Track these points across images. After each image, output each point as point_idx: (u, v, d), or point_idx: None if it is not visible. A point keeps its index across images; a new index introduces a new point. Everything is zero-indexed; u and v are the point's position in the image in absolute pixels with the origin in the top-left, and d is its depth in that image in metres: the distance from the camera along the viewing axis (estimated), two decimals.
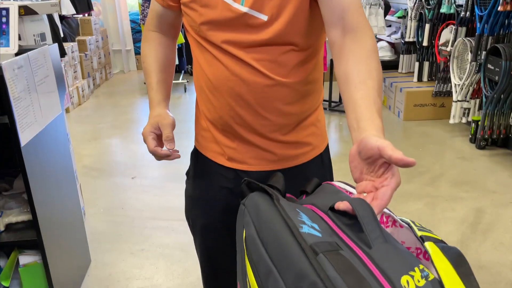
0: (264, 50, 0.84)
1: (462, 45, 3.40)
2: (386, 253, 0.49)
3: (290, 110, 0.91)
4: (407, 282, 0.45)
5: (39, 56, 1.58)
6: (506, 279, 1.89)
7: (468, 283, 0.46)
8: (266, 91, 0.87)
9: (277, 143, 0.93)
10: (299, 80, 0.89)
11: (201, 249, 1.10)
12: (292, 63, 0.87)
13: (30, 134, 1.48)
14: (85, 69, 5.08)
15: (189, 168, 1.10)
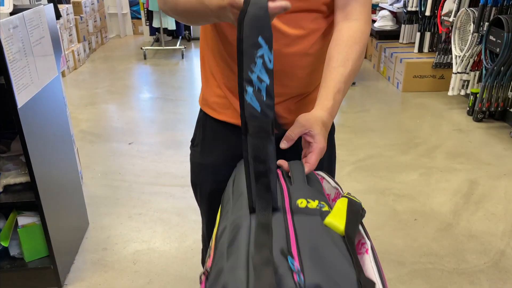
0: (296, 17, 0.84)
1: (465, 16, 3.35)
2: (300, 187, 0.68)
3: (310, 78, 0.93)
4: (301, 202, 0.63)
5: (34, 16, 1.54)
6: (496, 248, 1.94)
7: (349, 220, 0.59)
8: (293, 60, 0.88)
9: (291, 110, 0.96)
10: (321, 48, 0.91)
11: (209, 213, 1.11)
12: (317, 31, 0.88)
13: (27, 95, 1.47)
14: (80, 32, 4.98)
15: (194, 135, 1.09)
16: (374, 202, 2.28)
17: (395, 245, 1.96)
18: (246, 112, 0.58)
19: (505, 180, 2.48)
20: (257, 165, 0.59)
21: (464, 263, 1.85)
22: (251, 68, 0.58)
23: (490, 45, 3.03)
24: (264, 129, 0.59)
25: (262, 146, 0.59)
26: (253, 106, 0.58)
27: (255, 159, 0.59)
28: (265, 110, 0.58)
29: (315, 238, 0.55)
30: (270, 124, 0.59)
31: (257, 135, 0.59)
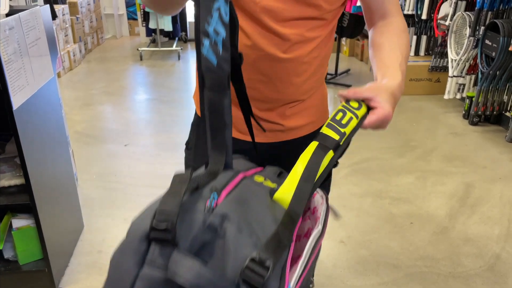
0: (296, 24, 0.84)
1: (461, 20, 3.36)
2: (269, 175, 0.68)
3: (305, 85, 0.93)
4: (258, 178, 0.64)
5: (30, 18, 1.53)
6: (491, 251, 1.94)
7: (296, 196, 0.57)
8: (289, 66, 0.88)
9: (286, 115, 0.95)
10: (318, 56, 0.91)
11: None
12: (317, 39, 0.88)
13: (22, 97, 1.45)
14: (76, 33, 4.96)
15: (189, 138, 1.08)
16: (370, 205, 2.29)
17: (391, 248, 1.96)
18: (203, 65, 0.58)
19: (500, 183, 2.49)
20: (212, 119, 0.60)
21: (460, 266, 1.85)
22: (208, 20, 0.57)
23: (486, 49, 3.05)
24: (220, 82, 0.59)
25: (218, 99, 0.59)
26: (209, 59, 0.58)
27: (211, 113, 0.59)
28: (221, 63, 0.58)
29: (250, 198, 0.55)
30: (226, 78, 0.59)
31: (213, 88, 0.59)
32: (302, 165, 0.60)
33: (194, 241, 0.47)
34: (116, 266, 0.50)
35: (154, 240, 0.46)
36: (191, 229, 0.48)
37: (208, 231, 0.48)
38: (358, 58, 5.18)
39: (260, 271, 0.45)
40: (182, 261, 0.45)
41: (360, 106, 0.70)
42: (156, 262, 0.46)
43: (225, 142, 0.61)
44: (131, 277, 0.47)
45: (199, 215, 0.49)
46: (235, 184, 0.58)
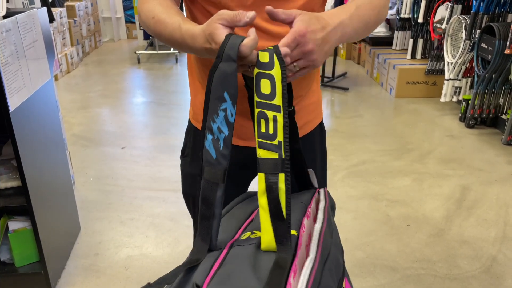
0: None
1: (457, 23, 3.38)
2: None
3: (301, 83, 0.93)
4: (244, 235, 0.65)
5: (27, 20, 1.53)
6: (487, 254, 1.95)
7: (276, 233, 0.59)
8: None
9: None
10: None
11: None
12: None
13: (19, 99, 1.46)
14: (74, 36, 4.97)
15: (184, 145, 1.08)
16: (367, 208, 2.29)
17: (387, 250, 1.97)
18: (204, 157, 0.63)
19: (496, 186, 2.50)
20: (203, 208, 0.63)
21: (456, 268, 1.86)
22: (213, 118, 0.62)
23: (481, 52, 3.07)
24: (216, 175, 0.62)
25: (211, 191, 0.63)
26: (210, 152, 0.62)
27: (202, 201, 0.63)
28: (220, 158, 0.62)
29: (233, 271, 0.56)
30: (222, 172, 0.63)
31: (209, 180, 0.63)
32: (265, 206, 0.60)
33: None
34: None
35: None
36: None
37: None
38: (355, 61, 5.20)
39: None
40: None
41: (272, 62, 0.60)
42: None
43: (210, 232, 0.63)
44: None
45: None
46: (218, 264, 0.58)
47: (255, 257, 0.58)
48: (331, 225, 0.71)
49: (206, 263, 0.59)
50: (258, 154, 0.61)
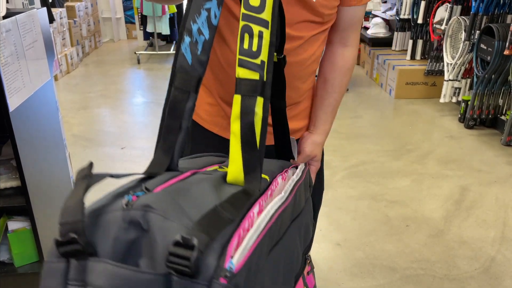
0: (300, 27, 0.84)
1: (456, 24, 3.39)
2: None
3: (303, 87, 0.94)
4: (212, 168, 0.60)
5: (27, 20, 1.53)
6: (486, 254, 1.95)
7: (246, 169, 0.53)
8: (291, 71, 0.87)
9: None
10: (318, 56, 0.92)
11: None
12: (318, 42, 0.89)
13: (19, 99, 1.46)
14: (74, 36, 4.97)
15: None
16: (367, 208, 2.29)
17: (387, 251, 1.97)
18: (178, 62, 0.56)
19: (496, 186, 2.50)
20: (169, 119, 0.56)
21: (455, 269, 1.86)
22: (195, 18, 0.55)
23: (481, 53, 3.07)
24: (189, 83, 0.55)
25: (181, 100, 0.56)
26: (186, 57, 0.55)
27: (170, 112, 0.56)
28: (196, 64, 0.56)
29: (190, 187, 0.50)
30: (196, 80, 0.56)
31: (180, 88, 0.55)
32: (237, 133, 0.53)
33: (116, 244, 0.42)
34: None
35: (68, 256, 0.41)
36: (109, 231, 0.42)
37: (130, 229, 0.42)
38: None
39: (184, 253, 0.38)
40: (94, 268, 0.40)
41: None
42: (77, 279, 0.41)
43: (174, 146, 0.56)
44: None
45: (117, 214, 0.44)
46: (177, 180, 0.51)
47: (218, 184, 0.52)
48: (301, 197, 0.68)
49: (164, 176, 0.52)
50: (237, 74, 0.54)
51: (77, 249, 0.40)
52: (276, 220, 0.51)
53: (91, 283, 0.39)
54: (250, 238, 0.44)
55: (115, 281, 0.38)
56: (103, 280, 0.38)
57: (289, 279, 0.58)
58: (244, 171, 0.52)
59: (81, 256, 0.41)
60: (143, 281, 0.38)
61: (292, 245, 0.59)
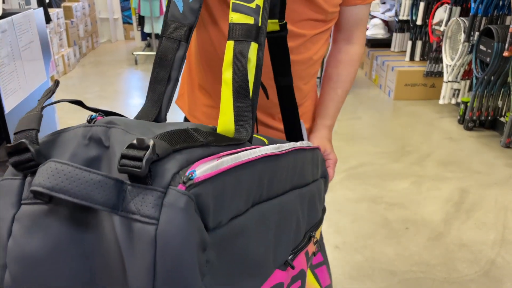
0: (303, 25, 0.83)
1: (455, 25, 3.38)
2: None
3: (305, 88, 0.93)
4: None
5: (23, 21, 1.51)
6: (486, 257, 1.94)
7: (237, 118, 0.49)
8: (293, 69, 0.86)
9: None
10: (320, 57, 0.91)
11: None
12: (320, 41, 0.88)
13: (14, 101, 1.44)
14: (71, 37, 4.94)
15: None
16: (366, 211, 2.28)
17: (386, 254, 1.95)
18: (169, 11, 0.55)
19: (495, 188, 2.49)
20: (158, 69, 0.55)
21: (455, 272, 1.85)
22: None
23: (480, 55, 3.06)
24: (180, 32, 0.54)
25: (171, 50, 0.54)
26: (177, 5, 0.54)
27: (159, 62, 0.55)
28: (187, 12, 0.55)
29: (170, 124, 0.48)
30: (187, 29, 0.54)
31: (170, 37, 0.54)
32: (228, 81, 0.50)
33: (74, 161, 0.39)
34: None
35: (19, 167, 0.38)
36: (67, 147, 0.40)
37: (90, 145, 0.40)
38: None
39: (136, 153, 0.34)
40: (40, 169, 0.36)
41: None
42: (31, 195, 0.38)
43: (162, 97, 0.54)
44: (7, 223, 0.39)
45: (77, 130, 0.41)
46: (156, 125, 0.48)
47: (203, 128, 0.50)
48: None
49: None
50: (230, 19, 0.51)
51: (28, 159, 0.38)
52: (265, 164, 0.47)
53: (33, 183, 0.35)
54: (224, 161, 0.40)
55: (59, 179, 0.34)
56: (45, 178, 0.35)
57: (284, 244, 0.55)
58: (235, 119, 0.49)
59: (32, 168, 0.38)
60: (90, 181, 0.35)
61: (291, 212, 0.56)
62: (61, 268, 0.37)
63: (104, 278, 0.38)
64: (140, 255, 0.35)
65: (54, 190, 0.34)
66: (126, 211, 0.35)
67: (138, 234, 0.35)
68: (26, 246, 0.37)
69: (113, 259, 0.37)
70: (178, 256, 0.35)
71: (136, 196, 0.35)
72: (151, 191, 0.35)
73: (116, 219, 0.36)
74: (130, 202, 0.35)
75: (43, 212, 0.37)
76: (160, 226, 0.34)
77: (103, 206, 0.35)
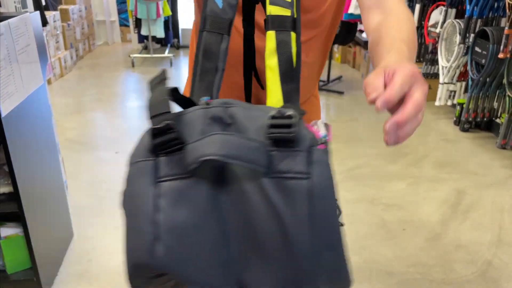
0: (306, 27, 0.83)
1: (451, 27, 3.40)
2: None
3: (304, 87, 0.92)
4: None
5: (20, 24, 1.51)
6: (483, 258, 1.94)
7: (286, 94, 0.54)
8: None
9: None
10: (313, 71, 0.91)
11: None
12: (311, 50, 0.88)
13: (11, 104, 1.44)
14: (67, 39, 4.94)
15: None
16: (363, 212, 2.28)
17: (383, 255, 1.96)
18: (207, 8, 0.57)
19: (492, 189, 2.50)
20: (205, 61, 0.57)
21: (452, 273, 1.85)
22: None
23: (476, 56, 3.08)
24: (221, 26, 0.57)
25: (215, 42, 0.57)
26: (216, 2, 0.57)
27: (204, 54, 0.57)
28: (226, 8, 0.57)
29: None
30: (228, 23, 0.57)
31: (213, 31, 0.57)
32: (274, 66, 0.55)
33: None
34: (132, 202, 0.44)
35: (160, 148, 0.43)
36: (194, 126, 0.44)
37: (213, 124, 0.45)
38: (350, 65, 5.21)
39: (284, 122, 0.41)
40: (201, 143, 0.41)
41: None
42: (168, 174, 0.42)
43: (212, 87, 0.57)
44: (150, 199, 0.43)
45: (197, 112, 0.46)
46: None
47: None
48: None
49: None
50: (269, 11, 0.56)
51: (173, 138, 0.42)
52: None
53: (203, 154, 0.41)
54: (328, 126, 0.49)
55: (229, 148, 0.41)
56: (216, 148, 0.40)
57: None
58: (284, 101, 0.54)
59: (173, 152, 0.43)
60: (252, 148, 0.41)
61: None
62: (205, 234, 0.42)
63: (237, 239, 0.43)
64: (298, 206, 0.41)
65: (228, 157, 0.40)
66: (277, 172, 0.42)
67: (294, 189, 0.41)
68: (176, 217, 0.41)
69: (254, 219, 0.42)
70: (330, 202, 0.42)
71: (285, 158, 0.42)
72: (298, 152, 0.42)
73: (266, 182, 0.42)
74: (280, 164, 0.42)
75: (186, 185, 0.42)
76: (313, 179, 0.42)
77: (264, 168, 0.41)
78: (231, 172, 0.43)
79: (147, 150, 0.44)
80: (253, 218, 0.42)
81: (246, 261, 0.43)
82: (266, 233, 0.42)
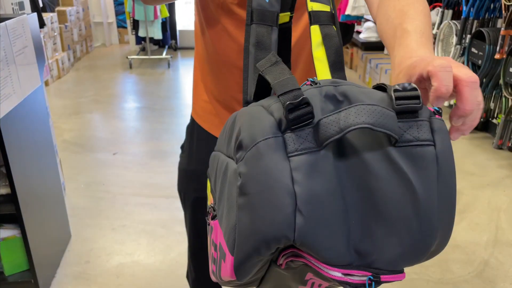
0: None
1: (447, 28, 3.41)
2: None
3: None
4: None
5: (17, 26, 1.52)
6: (479, 258, 1.95)
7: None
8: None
9: None
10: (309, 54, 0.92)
11: (191, 223, 1.10)
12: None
13: (8, 106, 1.44)
14: (65, 41, 4.94)
15: (184, 141, 1.09)
16: None
17: None
18: (253, 3, 0.60)
19: (488, 190, 2.51)
20: (258, 52, 0.59)
21: (449, 273, 1.86)
22: None
23: (472, 57, 3.09)
24: (270, 18, 0.60)
25: (266, 33, 0.60)
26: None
27: (257, 46, 0.59)
28: (273, 1, 0.61)
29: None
30: (275, 15, 0.61)
31: (262, 23, 0.60)
32: (322, 57, 0.59)
33: (324, 113, 0.46)
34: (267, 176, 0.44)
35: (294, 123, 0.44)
36: (314, 102, 0.46)
37: (328, 101, 0.47)
38: (347, 66, 5.22)
39: (411, 94, 0.44)
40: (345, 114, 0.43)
41: None
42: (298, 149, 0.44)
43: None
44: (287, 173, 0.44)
45: (311, 90, 0.48)
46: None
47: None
48: None
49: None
50: (311, 8, 0.60)
51: (308, 111, 0.44)
52: None
53: (352, 123, 0.42)
54: None
55: (376, 116, 0.43)
56: (366, 117, 0.43)
57: None
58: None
59: (302, 127, 0.44)
60: (392, 117, 0.44)
61: None
62: (335, 204, 0.44)
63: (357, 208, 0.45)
64: (427, 172, 0.44)
65: (375, 125, 0.42)
66: (404, 142, 0.45)
67: (421, 156, 0.44)
68: (312, 188, 0.44)
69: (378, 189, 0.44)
70: (453, 166, 0.46)
71: (410, 128, 0.45)
72: (422, 121, 0.45)
73: (393, 151, 0.44)
74: (405, 134, 0.45)
75: (317, 158, 0.44)
76: (437, 146, 0.45)
77: (398, 137, 0.44)
78: (350, 143, 0.46)
79: (275, 127, 0.45)
80: (377, 188, 0.45)
81: (367, 230, 0.45)
82: (393, 201, 0.44)
